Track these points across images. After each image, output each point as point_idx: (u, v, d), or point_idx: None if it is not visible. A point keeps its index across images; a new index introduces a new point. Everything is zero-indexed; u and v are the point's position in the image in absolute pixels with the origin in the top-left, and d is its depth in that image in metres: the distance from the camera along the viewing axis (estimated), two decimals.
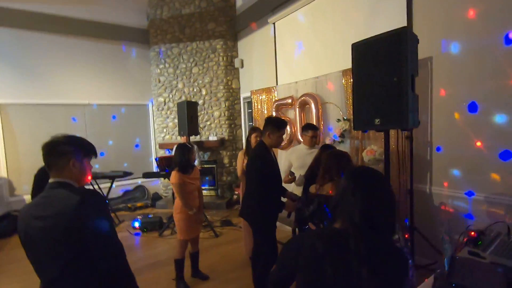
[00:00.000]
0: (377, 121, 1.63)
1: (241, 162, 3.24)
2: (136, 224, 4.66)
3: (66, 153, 1.17)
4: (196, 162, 5.11)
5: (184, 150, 2.75)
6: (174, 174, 2.71)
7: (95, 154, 1.30)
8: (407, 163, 2.91)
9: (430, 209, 2.95)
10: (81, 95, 5.62)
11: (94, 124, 5.81)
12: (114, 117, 6.03)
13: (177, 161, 2.75)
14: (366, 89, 1.69)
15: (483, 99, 2.45)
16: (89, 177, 1.28)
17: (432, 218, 2.95)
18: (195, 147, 5.23)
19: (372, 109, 1.67)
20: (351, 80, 3.32)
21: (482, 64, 2.43)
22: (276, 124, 2.33)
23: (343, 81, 3.47)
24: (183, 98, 5.99)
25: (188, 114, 4.31)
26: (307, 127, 3.10)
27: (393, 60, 1.56)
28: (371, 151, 3.09)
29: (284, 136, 2.49)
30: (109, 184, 5.05)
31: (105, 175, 4.77)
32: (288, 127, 4.22)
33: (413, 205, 2.83)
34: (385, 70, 1.60)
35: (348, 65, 3.44)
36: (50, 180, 1.17)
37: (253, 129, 3.27)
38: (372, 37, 1.66)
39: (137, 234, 4.49)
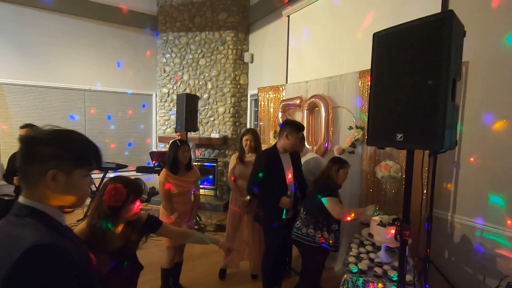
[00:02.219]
0: (399, 136, 1.22)
1: (232, 167, 2.87)
2: None
3: (44, 158, 0.75)
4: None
5: (171, 147, 2.46)
6: (162, 172, 2.47)
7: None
8: (425, 184, 2.48)
9: (449, 240, 2.51)
10: (82, 79, 5.38)
11: (96, 111, 5.57)
12: (116, 104, 5.78)
13: (166, 158, 2.54)
14: (388, 93, 1.28)
15: None
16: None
17: (453, 251, 2.51)
18: (190, 145, 4.92)
19: (393, 120, 1.26)
20: (369, 82, 2.93)
21: None
22: (295, 126, 2.38)
23: (360, 83, 3.05)
24: (188, 90, 5.67)
25: (187, 108, 3.98)
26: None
27: (429, 57, 1.14)
28: (385, 166, 2.67)
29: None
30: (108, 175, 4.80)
31: None
32: None
33: (431, 235, 2.40)
34: (416, 70, 1.19)
35: (367, 65, 3.04)
36: (19, 200, 0.78)
37: (246, 131, 2.86)
38: (401, 24, 1.25)
39: None
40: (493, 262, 2.26)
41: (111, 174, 5.30)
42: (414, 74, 1.20)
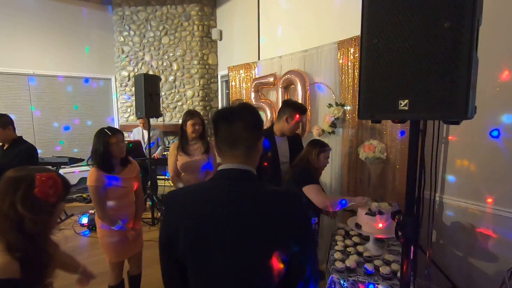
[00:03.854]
0: (403, 104, 0.90)
1: (173, 159, 2.43)
2: (84, 220, 3.90)
3: None
4: (158, 151, 4.33)
5: (98, 138, 1.88)
6: (90, 173, 1.89)
7: None
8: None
9: (437, 223, 2.33)
10: (24, 63, 4.64)
11: (42, 99, 4.87)
12: (68, 90, 5.10)
13: (92, 153, 1.92)
14: (386, 47, 0.95)
15: None
16: None
17: (441, 234, 2.33)
18: (156, 131, 4.44)
19: (394, 82, 0.93)
20: (351, 51, 2.62)
21: None
22: (297, 108, 2.15)
23: (338, 55, 2.73)
24: (151, 73, 5.10)
25: (147, 91, 3.48)
26: None
27: None
28: (369, 146, 2.40)
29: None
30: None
31: (46, 161, 3.92)
32: (268, 112, 3.48)
33: (421, 218, 2.19)
34: (426, 9, 0.86)
35: (346, 34, 2.74)
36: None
37: (190, 114, 2.38)
38: None
39: (84, 233, 3.74)
40: (481, 243, 2.10)
41: (65, 170, 4.73)
42: (423, 16, 0.86)
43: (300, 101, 3.03)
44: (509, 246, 1.95)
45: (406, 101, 0.91)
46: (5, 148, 2.53)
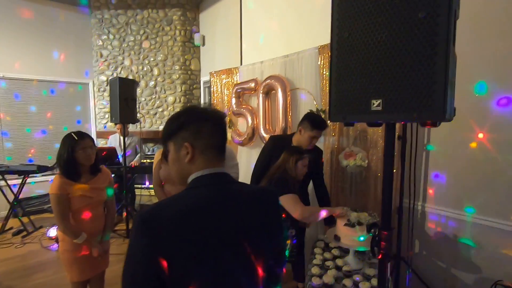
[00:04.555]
0: (375, 104, 0.81)
1: (157, 167, 2.27)
2: (53, 233, 3.63)
3: None
4: (136, 159, 4.14)
5: (64, 143, 1.74)
6: (53, 180, 1.73)
7: None
8: (395, 171, 2.18)
9: (420, 233, 2.25)
10: None
11: (11, 103, 4.60)
12: (43, 95, 4.84)
13: (57, 160, 1.76)
14: (358, 42, 0.86)
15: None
16: None
17: (424, 245, 2.25)
18: (134, 138, 4.25)
19: (366, 81, 0.84)
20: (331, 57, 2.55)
21: None
22: (311, 121, 2.08)
23: (319, 60, 2.67)
24: (131, 77, 4.93)
25: (122, 96, 3.32)
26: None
27: None
28: (350, 154, 2.33)
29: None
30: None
31: (12, 169, 3.65)
32: (249, 119, 3.37)
33: (401, 227, 2.10)
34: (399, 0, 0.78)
35: (327, 39, 2.68)
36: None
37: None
38: None
39: (52, 247, 3.47)
40: (464, 254, 2.03)
41: (36, 179, 4.45)
42: (397, 6, 0.78)
43: (281, 107, 2.95)
44: (491, 256, 1.88)
45: (379, 101, 0.82)
46: None
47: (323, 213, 1.71)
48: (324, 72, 2.64)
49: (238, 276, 0.73)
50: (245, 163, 3.58)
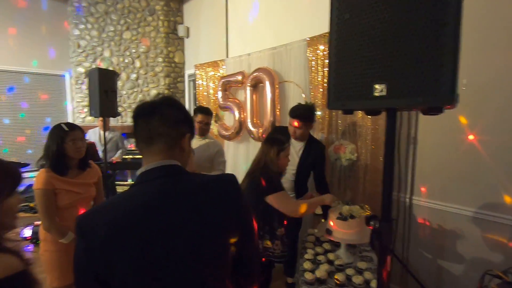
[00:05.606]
0: (378, 89, 0.76)
1: None
2: (27, 233, 3.43)
3: None
4: (117, 155, 3.97)
5: (53, 134, 1.62)
6: (38, 175, 1.61)
7: None
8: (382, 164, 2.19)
9: (408, 226, 2.27)
10: None
11: None
12: (12, 88, 4.54)
13: (45, 152, 1.63)
14: (360, 24, 0.81)
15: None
16: None
17: (412, 237, 2.28)
18: (115, 133, 4.07)
19: (368, 65, 0.79)
20: (320, 48, 2.51)
21: None
22: (291, 109, 2.09)
23: (308, 52, 2.62)
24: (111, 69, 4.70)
25: (102, 87, 3.14)
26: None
27: None
28: (339, 147, 2.31)
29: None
30: None
31: None
32: (236, 112, 3.29)
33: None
34: None
35: (316, 31, 2.64)
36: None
37: None
38: None
39: (25, 248, 3.26)
40: (450, 245, 2.06)
41: None
42: None
43: (268, 101, 2.89)
44: (478, 246, 1.92)
45: (383, 85, 0.77)
46: None
47: (315, 205, 1.67)
48: (313, 65, 2.60)
49: (181, 277, 0.69)
50: (231, 157, 3.50)
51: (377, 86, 0.77)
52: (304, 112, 2.05)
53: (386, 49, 0.76)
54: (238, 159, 3.49)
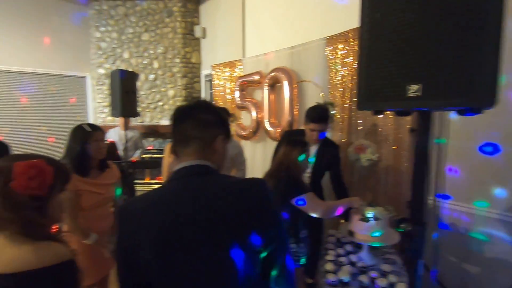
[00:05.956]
0: (413, 89, 0.74)
1: (166, 161, 2.19)
2: None
3: None
4: (136, 154, 4.06)
5: (76, 135, 1.63)
6: None
7: None
8: (404, 165, 2.14)
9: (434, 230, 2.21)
10: None
11: (8, 96, 4.49)
12: (37, 89, 4.73)
13: (67, 153, 1.63)
14: (393, 21, 0.79)
15: None
16: None
17: (441, 242, 2.21)
18: (135, 133, 4.17)
19: (403, 64, 0.77)
20: (340, 47, 2.47)
21: None
22: (307, 113, 2.03)
23: (327, 52, 2.59)
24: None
25: (123, 88, 3.22)
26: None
27: None
28: (360, 147, 2.27)
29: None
30: None
31: None
32: (253, 112, 3.30)
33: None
34: None
35: (335, 30, 2.61)
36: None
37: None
38: None
39: None
40: (477, 249, 1.99)
41: None
42: None
43: (287, 100, 2.88)
44: (506, 251, 1.84)
45: (418, 86, 0.75)
46: None
47: (343, 207, 1.65)
48: (332, 64, 2.57)
49: (197, 275, 0.71)
50: (248, 157, 3.51)
51: (411, 87, 0.76)
52: (324, 115, 2.01)
53: (421, 48, 0.75)
54: (255, 159, 3.50)
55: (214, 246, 0.71)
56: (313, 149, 2.12)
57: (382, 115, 0.89)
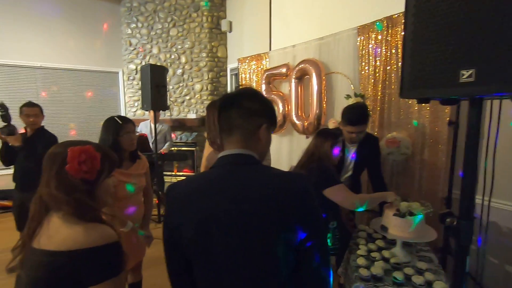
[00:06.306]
0: (466, 74, 0.69)
1: (206, 153, 2.20)
2: None
3: None
4: (165, 146, 4.18)
5: (108, 127, 1.67)
6: None
7: None
8: (442, 160, 2.03)
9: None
10: (31, 56, 4.57)
11: (51, 92, 4.79)
12: (75, 84, 5.00)
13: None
14: (442, 3, 0.74)
15: None
16: None
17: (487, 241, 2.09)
18: (164, 126, 4.29)
19: (455, 47, 0.73)
20: (372, 37, 2.36)
21: None
22: (344, 115, 1.88)
23: (359, 42, 2.50)
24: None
25: (153, 83, 3.33)
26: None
27: None
28: (393, 141, 2.18)
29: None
30: None
31: None
32: (280, 105, 3.28)
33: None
34: None
35: (367, 18, 2.51)
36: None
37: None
38: None
39: None
40: None
41: None
42: None
43: (315, 93, 2.82)
44: None
45: (472, 71, 0.70)
46: (28, 135, 2.50)
47: (376, 200, 1.60)
48: (363, 54, 2.48)
49: (233, 262, 0.72)
50: (274, 151, 3.51)
51: (464, 72, 0.71)
52: (364, 116, 1.86)
53: (474, 31, 0.69)
54: (281, 153, 3.48)
55: (251, 236, 0.71)
56: (353, 147, 2.04)
57: (429, 103, 0.83)
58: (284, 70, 3.18)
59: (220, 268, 0.73)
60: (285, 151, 3.44)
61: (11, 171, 2.56)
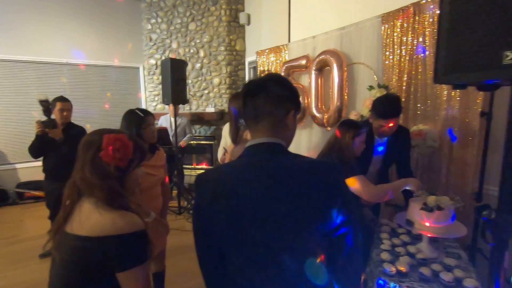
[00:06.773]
0: (510, 55, 0.64)
1: (230, 147, 2.18)
2: None
3: None
4: (185, 139, 4.24)
5: (130, 120, 1.69)
6: None
7: None
8: (472, 153, 1.93)
9: None
10: (57, 52, 4.75)
11: (76, 87, 4.98)
12: (98, 80, 5.17)
13: None
14: None
15: None
16: None
17: None
18: (184, 120, 4.35)
19: (497, 27, 0.67)
20: (397, 25, 2.24)
21: None
22: (374, 109, 1.77)
23: (383, 30, 2.41)
24: None
25: (174, 76, 3.38)
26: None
27: None
28: (419, 133, 2.10)
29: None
30: None
31: None
32: (300, 98, 3.22)
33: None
34: None
35: (392, 5, 2.40)
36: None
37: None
38: None
39: None
40: None
41: None
42: None
43: (336, 85, 2.76)
44: None
45: None
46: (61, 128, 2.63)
47: (397, 188, 1.55)
48: (388, 43, 2.38)
49: (265, 249, 0.72)
50: (293, 144, 3.47)
51: (508, 53, 0.66)
52: (397, 109, 1.73)
53: None
54: (301, 146, 3.44)
55: (286, 226, 0.70)
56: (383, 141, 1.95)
57: (465, 89, 0.78)
58: (303, 62, 3.12)
59: (254, 256, 0.73)
60: (304, 145, 3.40)
61: (40, 163, 2.69)
